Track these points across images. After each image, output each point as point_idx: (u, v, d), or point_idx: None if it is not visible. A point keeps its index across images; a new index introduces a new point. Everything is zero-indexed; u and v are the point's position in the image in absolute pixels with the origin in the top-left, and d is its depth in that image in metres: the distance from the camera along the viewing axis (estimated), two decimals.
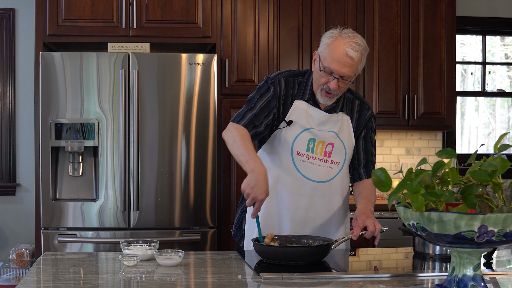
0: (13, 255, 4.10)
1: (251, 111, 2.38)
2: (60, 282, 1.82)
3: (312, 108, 2.42)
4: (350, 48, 2.28)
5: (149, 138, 3.66)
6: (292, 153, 2.40)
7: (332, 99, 2.39)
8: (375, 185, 1.60)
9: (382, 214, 3.93)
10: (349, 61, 2.29)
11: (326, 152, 2.42)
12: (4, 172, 4.43)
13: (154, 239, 2.23)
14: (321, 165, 2.42)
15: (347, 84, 2.37)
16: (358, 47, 2.29)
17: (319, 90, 2.38)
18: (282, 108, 2.42)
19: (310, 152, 2.40)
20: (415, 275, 1.96)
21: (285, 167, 2.41)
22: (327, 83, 2.33)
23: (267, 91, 2.41)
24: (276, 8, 4.04)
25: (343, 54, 2.28)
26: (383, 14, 4.22)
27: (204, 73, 3.70)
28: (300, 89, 2.44)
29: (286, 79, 2.43)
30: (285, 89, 2.42)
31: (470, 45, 4.96)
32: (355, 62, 2.30)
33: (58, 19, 3.80)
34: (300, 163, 2.40)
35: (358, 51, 2.29)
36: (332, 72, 2.31)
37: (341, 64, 2.29)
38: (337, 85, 2.32)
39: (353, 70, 2.32)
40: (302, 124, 2.41)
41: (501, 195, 1.56)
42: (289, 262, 2.07)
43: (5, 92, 4.42)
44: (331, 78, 2.32)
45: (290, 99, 2.42)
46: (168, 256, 2.05)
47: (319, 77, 2.36)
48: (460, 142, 4.97)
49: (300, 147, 2.40)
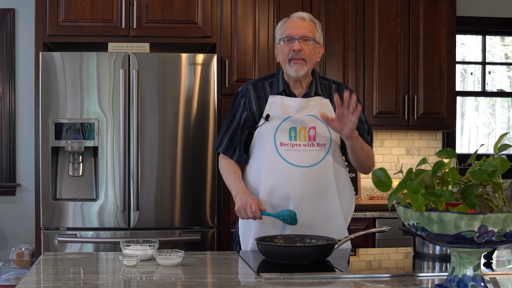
0: (13, 255, 4.10)
1: (227, 132, 2.56)
2: (60, 282, 1.82)
3: (287, 99, 2.50)
4: (299, 13, 2.51)
5: (149, 138, 3.66)
6: (276, 145, 2.45)
7: (303, 66, 2.46)
8: (375, 185, 1.60)
9: (382, 214, 3.93)
10: (302, 22, 2.47)
11: (310, 136, 2.46)
12: (4, 172, 4.43)
13: (154, 239, 2.23)
14: (308, 150, 2.45)
15: (311, 48, 2.47)
16: (306, 14, 2.51)
17: (287, 64, 2.47)
18: (258, 111, 2.51)
19: (293, 140, 2.45)
20: (415, 275, 1.96)
21: (272, 160, 2.44)
22: (291, 49, 2.45)
23: (238, 106, 2.55)
24: (276, 8, 4.04)
25: (295, 19, 2.49)
26: (383, 14, 4.22)
27: (204, 73, 3.70)
28: (272, 87, 2.54)
29: (254, 85, 2.56)
30: (255, 95, 2.53)
31: (470, 45, 4.96)
32: (308, 22, 2.48)
33: (58, 19, 3.80)
34: (286, 152, 2.44)
35: (307, 14, 2.50)
36: (290, 35, 2.46)
37: (296, 26, 2.46)
38: (300, 45, 2.44)
39: (309, 29, 2.47)
40: (280, 115, 2.47)
41: (501, 195, 1.56)
42: (293, 262, 2.07)
43: (5, 92, 4.42)
44: (292, 42, 2.45)
45: (264, 100, 2.52)
46: (168, 256, 2.05)
47: (283, 50, 2.48)
48: (460, 142, 4.97)
49: (282, 137, 2.45)
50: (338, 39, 4.18)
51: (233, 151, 2.54)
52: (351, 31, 4.19)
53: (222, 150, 2.56)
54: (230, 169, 2.53)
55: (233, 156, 2.55)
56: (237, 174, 2.51)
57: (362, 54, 4.21)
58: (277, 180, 2.43)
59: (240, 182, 2.47)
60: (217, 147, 2.59)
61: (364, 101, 4.21)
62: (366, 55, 4.20)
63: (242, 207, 2.32)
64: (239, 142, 2.53)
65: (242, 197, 2.36)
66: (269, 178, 2.44)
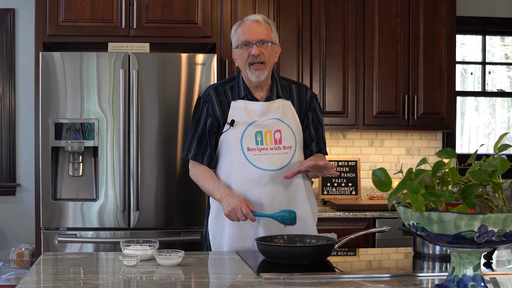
0: (13, 255, 4.10)
1: (194, 138, 2.54)
2: (60, 282, 1.82)
3: (250, 103, 2.51)
4: (253, 16, 2.50)
5: (149, 138, 3.66)
6: (243, 150, 2.46)
7: (263, 70, 2.47)
8: (375, 185, 1.60)
9: (382, 214, 3.93)
10: (256, 25, 2.47)
11: (276, 140, 2.48)
12: (4, 172, 4.43)
13: (154, 239, 2.23)
14: (275, 154, 2.47)
15: (269, 50, 2.48)
16: (260, 15, 2.52)
17: (247, 69, 2.48)
18: (222, 115, 2.50)
19: (260, 145, 2.46)
20: (415, 275, 1.96)
21: (240, 165, 2.45)
22: (250, 54, 2.45)
23: (201, 111, 2.54)
24: (276, 8, 4.04)
25: (249, 23, 2.49)
26: (383, 14, 4.22)
27: (204, 73, 3.70)
28: (234, 92, 2.54)
29: (215, 90, 2.56)
30: (217, 99, 2.53)
31: (470, 45, 4.96)
32: (263, 25, 2.48)
33: (58, 19, 3.80)
34: (253, 157, 2.45)
35: (261, 16, 2.51)
36: (248, 41, 2.46)
37: (251, 31, 2.47)
38: (258, 50, 2.44)
39: (265, 32, 2.47)
40: (244, 120, 2.48)
41: (501, 195, 1.56)
42: (293, 262, 2.07)
43: (5, 92, 4.42)
44: (249, 47, 2.45)
45: (226, 105, 2.52)
46: (168, 256, 2.05)
47: (242, 55, 2.49)
48: (460, 142, 4.97)
49: (249, 143, 2.46)
50: (338, 39, 4.18)
51: (202, 157, 2.52)
52: (351, 31, 4.19)
53: (191, 156, 2.53)
54: (205, 174, 2.50)
55: (203, 161, 2.52)
56: (214, 177, 2.48)
57: (362, 54, 4.21)
58: (247, 184, 2.44)
59: (220, 184, 2.44)
60: (185, 154, 2.55)
61: (364, 101, 4.21)
62: (366, 55, 4.20)
63: (232, 211, 2.31)
64: (208, 147, 2.51)
65: (229, 200, 2.33)
66: (239, 183, 2.45)
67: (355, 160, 4.44)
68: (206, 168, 2.53)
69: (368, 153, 4.55)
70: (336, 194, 4.40)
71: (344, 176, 4.42)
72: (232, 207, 2.30)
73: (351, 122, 4.20)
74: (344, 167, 4.43)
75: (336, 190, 4.40)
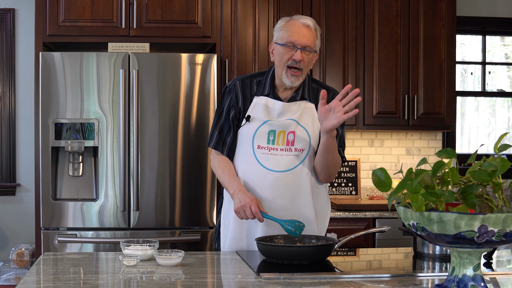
0: (13, 255, 4.10)
1: (216, 128, 2.54)
2: (60, 282, 1.82)
3: (271, 101, 2.48)
4: (304, 19, 2.44)
5: (149, 138, 3.66)
6: (253, 147, 2.45)
7: (299, 77, 2.44)
8: (375, 185, 1.60)
9: (382, 214, 3.93)
10: (306, 30, 2.42)
11: (288, 141, 2.45)
12: (4, 172, 4.43)
13: (154, 239, 2.23)
14: (284, 155, 2.44)
15: (310, 58, 2.45)
16: (310, 20, 2.46)
17: (284, 71, 2.44)
18: (243, 108, 2.50)
19: (271, 144, 2.44)
20: (415, 275, 1.96)
21: (248, 162, 2.45)
22: (292, 57, 2.41)
23: (225, 101, 2.53)
24: (276, 8, 4.04)
25: (300, 26, 2.43)
26: (383, 14, 4.22)
27: (204, 73, 3.70)
28: (259, 87, 2.51)
29: (242, 81, 2.53)
30: (241, 91, 2.51)
31: (470, 45, 4.96)
32: (312, 32, 2.44)
33: (58, 19, 3.80)
34: (262, 155, 2.44)
35: (312, 22, 2.45)
36: (293, 43, 2.41)
37: (300, 34, 2.41)
38: (301, 56, 2.41)
39: (312, 39, 2.43)
40: (260, 118, 2.46)
41: (501, 195, 1.56)
42: (293, 262, 2.07)
43: (5, 92, 4.42)
44: (294, 50, 2.41)
45: (249, 99, 2.50)
46: (168, 256, 2.05)
47: (283, 55, 2.43)
48: (460, 142, 4.97)
49: (260, 140, 2.44)
50: (338, 39, 4.18)
51: (223, 146, 2.51)
52: (351, 31, 4.19)
53: (213, 145, 2.53)
54: (223, 167, 2.49)
55: (223, 150, 2.51)
56: (231, 172, 2.47)
57: (362, 54, 4.21)
58: (250, 182, 2.44)
59: (236, 180, 2.43)
60: (208, 142, 2.56)
61: (364, 101, 4.21)
62: (366, 55, 4.20)
63: (241, 208, 2.31)
64: (228, 137, 2.50)
65: (240, 197, 2.33)
66: (243, 180, 2.45)
67: (355, 160, 4.44)
68: (225, 160, 2.51)
69: (368, 153, 4.55)
70: (336, 194, 4.40)
71: (344, 176, 4.42)
72: (242, 204, 2.30)
73: (351, 122, 4.20)
74: (344, 167, 4.43)
75: (336, 190, 4.40)
